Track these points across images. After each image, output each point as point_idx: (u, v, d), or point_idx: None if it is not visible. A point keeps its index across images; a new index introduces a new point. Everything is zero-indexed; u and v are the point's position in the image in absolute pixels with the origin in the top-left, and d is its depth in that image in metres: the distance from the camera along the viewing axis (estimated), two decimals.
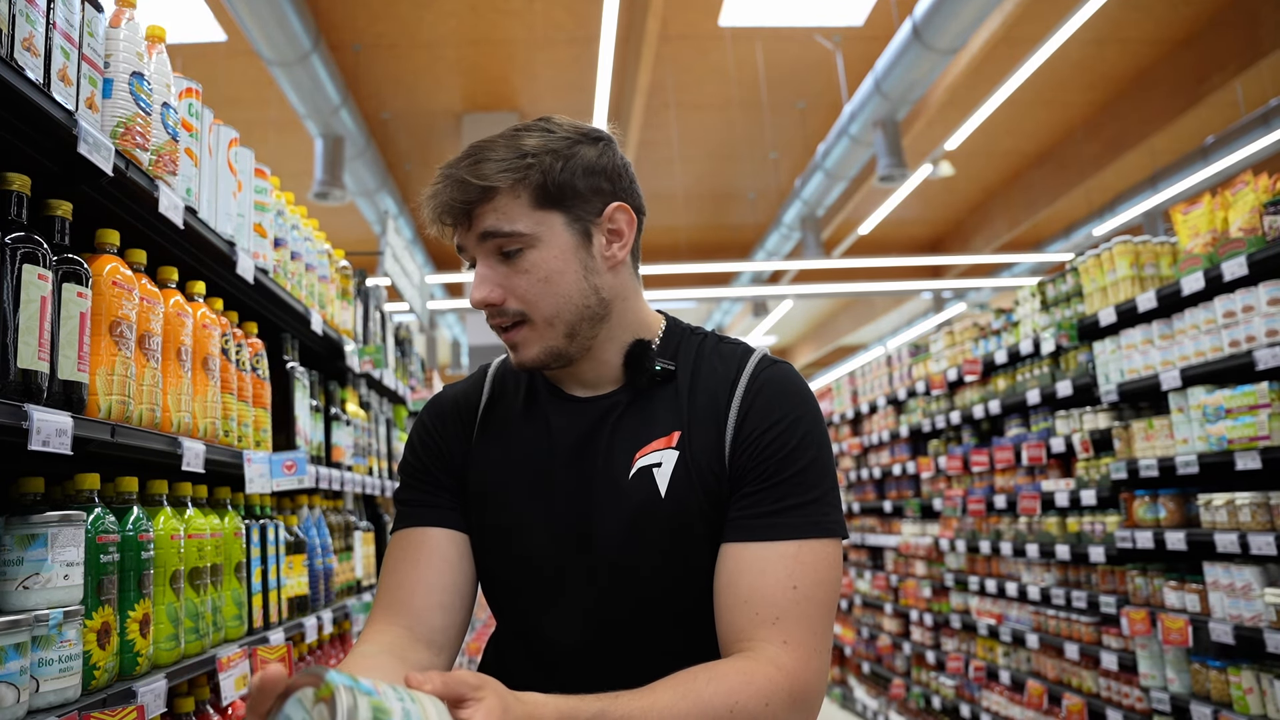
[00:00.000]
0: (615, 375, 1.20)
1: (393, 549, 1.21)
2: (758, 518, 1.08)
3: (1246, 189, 2.99)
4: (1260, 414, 2.76)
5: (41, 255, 1.25)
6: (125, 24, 1.54)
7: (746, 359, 1.19)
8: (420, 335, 9.71)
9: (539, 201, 1.10)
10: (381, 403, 3.65)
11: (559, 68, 8.28)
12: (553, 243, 1.11)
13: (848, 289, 10.72)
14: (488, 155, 1.11)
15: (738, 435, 1.12)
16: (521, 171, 1.09)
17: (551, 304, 1.11)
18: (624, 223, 1.16)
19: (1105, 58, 8.48)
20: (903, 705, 5.85)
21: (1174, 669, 3.23)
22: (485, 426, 1.24)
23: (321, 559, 2.49)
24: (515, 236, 1.09)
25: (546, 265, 1.10)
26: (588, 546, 1.13)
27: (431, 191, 1.12)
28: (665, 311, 1.29)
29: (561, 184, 1.10)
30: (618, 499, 1.12)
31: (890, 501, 6.35)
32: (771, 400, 1.13)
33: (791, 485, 1.09)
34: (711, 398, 1.15)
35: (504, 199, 1.09)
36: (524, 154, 1.10)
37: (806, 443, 1.11)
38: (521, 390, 1.25)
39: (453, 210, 1.10)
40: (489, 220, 1.09)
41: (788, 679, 1.00)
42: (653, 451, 1.13)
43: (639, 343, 1.19)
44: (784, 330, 18.58)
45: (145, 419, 1.52)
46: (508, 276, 1.11)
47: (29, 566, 1.24)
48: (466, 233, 1.12)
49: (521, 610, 1.19)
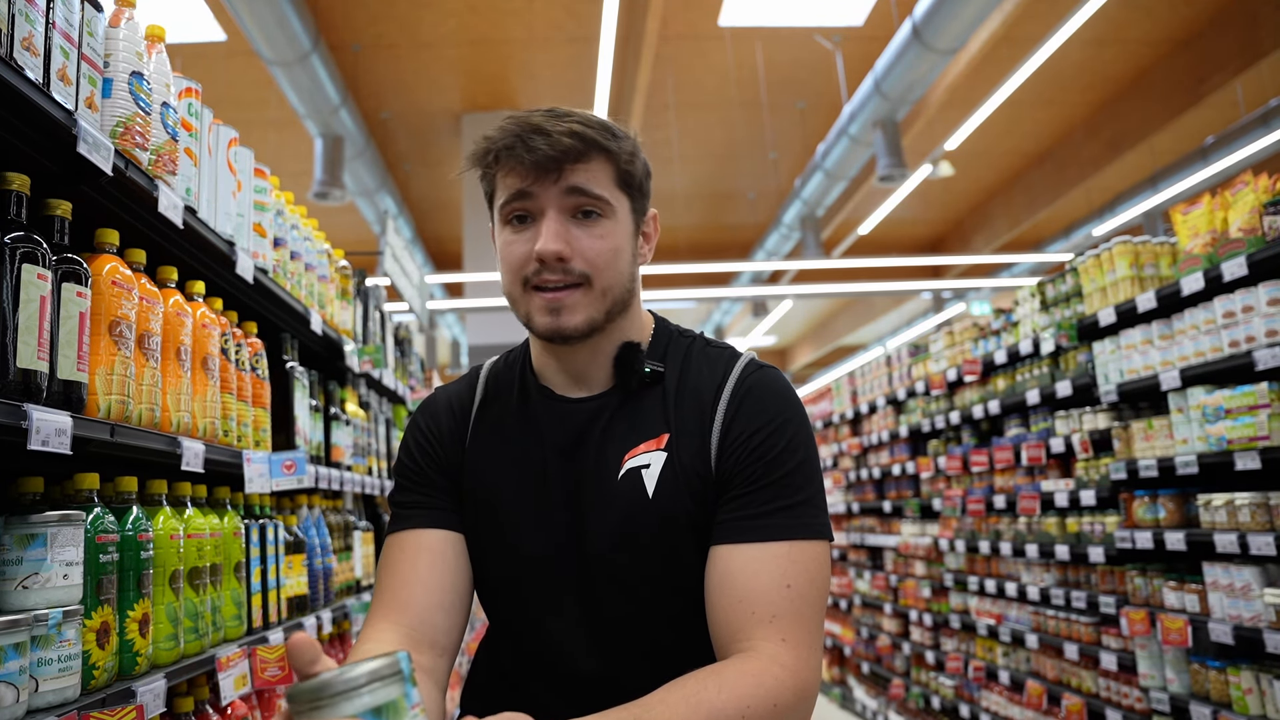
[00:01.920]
0: (606, 375, 1.21)
1: (390, 550, 1.20)
2: (748, 519, 1.09)
3: (1246, 189, 2.99)
4: (1260, 414, 2.76)
5: (41, 255, 1.25)
6: (125, 24, 1.54)
7: (733, 362, 1.20)
8: (420, 335, 9.70)
9: (618, 180, 1.15)
10: (381, 402, 3.65)
11: (559, 68, 8.28)
12: (622, 220, 1.16)
13: (847, 289, 10.72)
14: (584, 119, 1.13)
15: (724, 438, 1.13)
16: (615, 145, 1.14)
17: (612, 274, 1.14)
18: (654, 229, 1.25)
19: (1105, 58, 8.48)
20: (902, 705, 5.85)
21: (1173, 669, 3.23)
22: (479, 427, 1.25)
23: (321, 559, 2.49)
24: (601, 200, 1.12)
25: (616, 237, 1.15)
26: (579, 546, 1.14)
27: (508, 140, 1.11)
28: (655, 313, 1.30)
29: (634, 173, 1.17)
30: (608, 499, 1.13)
31: (890, 501, 6.35)
32: (758, 404, 1.14)
33: (780, 487, 1.10)
34: (698, 401, 1.16)
35: (596, 164, 1.12)
36: (616, 134, 1.15)
37: (794, 445, 1.12)
38: (514, 391, 1.25)
39: (542, 161, 1.09)
40: (579, 178, 1.11)
41: (792, 677, 1.01)
42: (641, 453, 1.14)
43: (628, 345, 1.20)
44: (784, 330, 18.59)
45: (145, 419, 1.52)
46: (579, 238, 1.12)
47: (28, 566, 1.24)
48: (549, 184, 1.11)
49: (515, 610, 1.19)
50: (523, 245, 1.12)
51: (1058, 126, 9.98)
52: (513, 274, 1.14)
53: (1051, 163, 10.59)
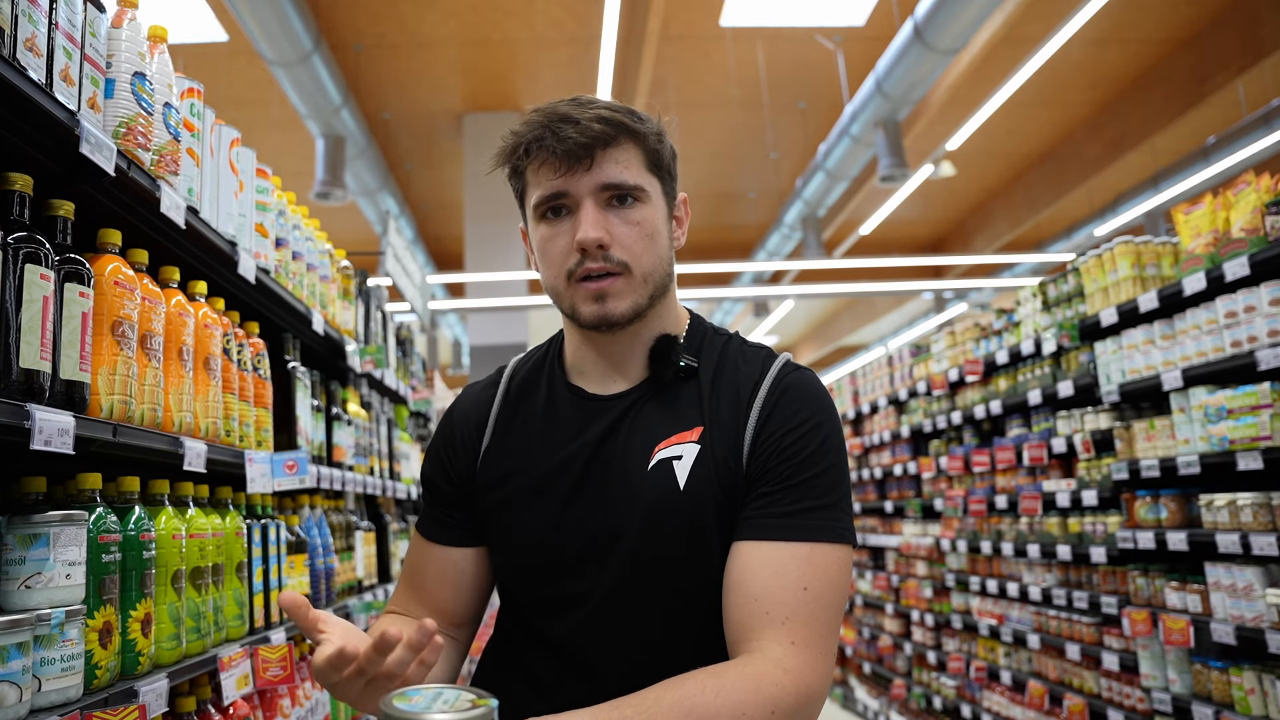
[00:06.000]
0: (641, 366, 1.21)
1: (416, 545, 1.31)
2: (773, 517, 1.08)
3: (1248, 189, 2.99)
4: (1262, 414, 2.76)
5: (44, 255, 1.25)
6: (127, 24, 1.54)
7: (771, 361, 1.20)
8: (421, 335, 9.71)
9: (649, 164, 1.16)
10: (383, 403, 3.65)
11: (560, 68, 8.28)
12: (656, 204, 1.16)
13: (849, 289, 10.71)
14: (609, 105, 1.14)
15: (758, 435, 1.12)
16: (643, 127, 1.14)
17: (651, 260, 1.14)
18: (685, 212, 1.26)
19: (1106, 58, 8.47)
20: (904, 705, 5.85)
21: (1175, 669, 3.23)
22: (502, 428, 1.25)
23: (323, 559, 2.49)
24: (636, 187, 1.13)
25: (652, 222, 1.15)
26: (605, 540, 1.13)
27: (536, 132, 1.11)
28: (692, 310, 1.30)
29: (663, 155, 1.18)
30: (636, 491, 1.12)
31: (891, 502, 6.34)
32: (795, 403, 1.14)
33: (809, 488, 1.09)
34: (734, 396, 1.16)
35: (626, 149, 1.13)
36: (641, 117, 1.15)
37: (826, 448, 1.12)
38: (540, 388, 1.26)
39: (573, 149, 1.09)
40: (609, 167, 1.11)
41: (794, 682, 0.99)
42: (674, 444, 1.13)
43: (665, 336, 1.20)
44: (785, 330, 18.58)
45: (147, 419, 1.52)
46: (616, 225, 1.12)
47: (31, 566, 1.24)
48: (581, 173, 1.11)
49: (536, 605, 1.19)
50: (562, 238, 1.13)
51: (1059, 126, 9.98)
52: (555, 268, 1.15)
53: (1053, 163, 10.59)
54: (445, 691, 0.81)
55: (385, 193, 9.10)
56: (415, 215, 11.11)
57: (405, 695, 0.81)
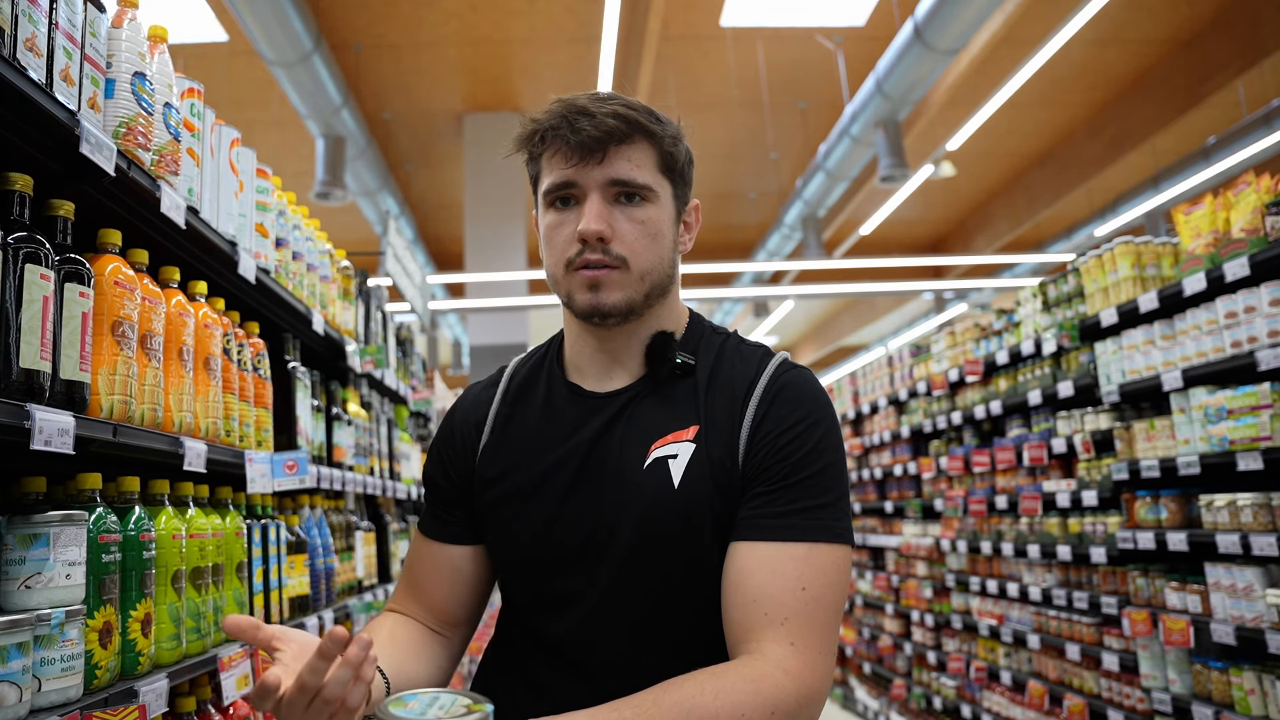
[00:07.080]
0: (638, 363, 1.21)
1: (416, 544, 1.31)
2: (770, 518, 1.07)
3: (1248, 189, 2.99)
4: (1262, 415, 2.76)
5: (44, 255, 1.25)
6: (127, 24, 1.54)
7: (768, 360, 1.20)
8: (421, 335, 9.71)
9: (661, 165, 1.17)
10: (383, 403, 3.65)
11: (560, 68, 8.28)
12: (664, 206, 1.18)
13: (849, 289, 10.72)
14: (627, 102, 1.14)
15: (754, 434, 1.12)
16: (659, 128, 1.15)
17: (650, 259, 1.15)
18: (696, 218, 1.27)
19: (1107, 58, 8.47)
20: (904, 706, 5.85)
21: (1175, 670, 3.23)
22: (501, 426, 1.26)
23: (323, 559, 2.49)
24: (644, 186, 1.14)
25: (657, 223, 1.16)
26: (600, 538, 1.13)
27: (554, 121, 1.13)
28: (691, 309, 1.31)
29: (677, 158, 1.19)
30: (631, 489, 1.12)
31: (891, 502, 6.34)
32: (790, 402, 1.14)
33: (806, 487, 1.08)
34: (730, 395, 1.16)
35: (639, 148, 1.14)
36: (659, 118, 1.17)
37: (823, 447, 1.11)
38: (539, 388, 1.26)
39: (587, 142, 1.11)
40: (620, 164, 1.12)
41: (794, 682, 0.99)
42: (670, 443, 1.13)
43: (662, 334, 1.21)
44: (785, 330, 18.58)
45: (147, 419, 1.52)
46: (620, 221, 1.13)
47: (31, 566, 1.24)
48: (593, 166, 1.12)
49: (534, 603, 1.19)
50: (567, 227, 1.14)
51: (1059, 127, 9.98)
52: (556, 255, 1.16)
53: (1053, 163, 10.59)
54: (441, 696, 0.81)
55: (385, 193, 9.10)
56: (415, 215, 11.11)
57: (401, 700, 0.82)
